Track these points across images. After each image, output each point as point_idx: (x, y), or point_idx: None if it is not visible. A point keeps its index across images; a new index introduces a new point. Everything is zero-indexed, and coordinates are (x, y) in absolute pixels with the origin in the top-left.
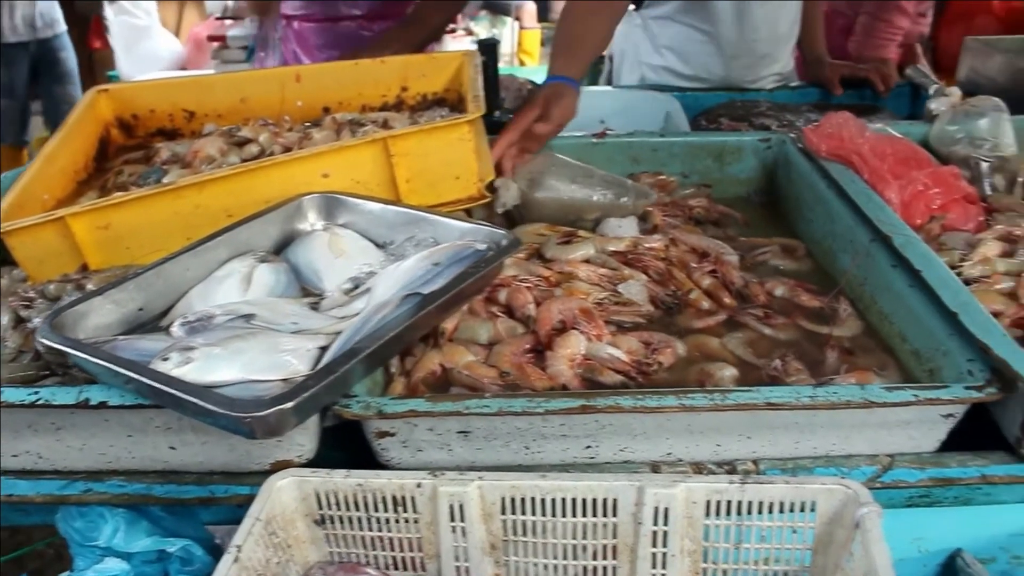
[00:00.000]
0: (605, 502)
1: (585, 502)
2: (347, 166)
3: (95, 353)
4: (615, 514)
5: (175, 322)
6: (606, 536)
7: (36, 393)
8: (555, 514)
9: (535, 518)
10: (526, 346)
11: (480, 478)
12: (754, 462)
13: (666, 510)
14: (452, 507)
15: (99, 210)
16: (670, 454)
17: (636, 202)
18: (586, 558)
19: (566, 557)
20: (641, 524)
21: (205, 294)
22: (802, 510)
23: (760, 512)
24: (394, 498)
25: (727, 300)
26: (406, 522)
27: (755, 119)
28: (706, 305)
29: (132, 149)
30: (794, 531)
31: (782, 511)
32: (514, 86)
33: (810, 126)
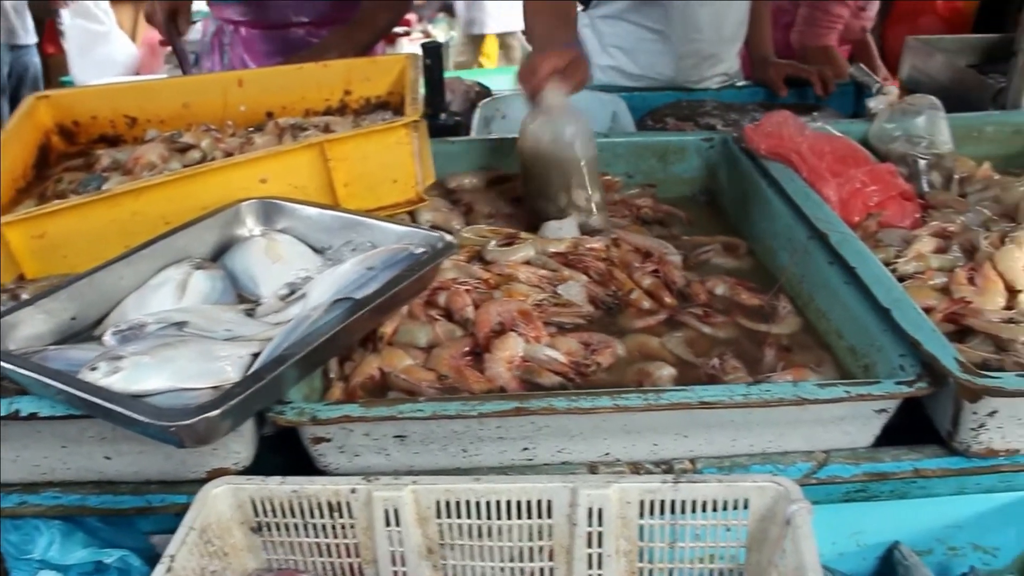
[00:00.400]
0: (539, 504)
1: (520, 504)
2: (285, 171)
3: (24, 364)
4: (550, 516)
5: (107, 331)
6: (542, 538)
7: None
8: (490, 517)
9: (471, 521)
10: (465, 349)
11: (414, 482)
12: (691, 461)
13: (600, 511)
14: (387, 512)
15: (34, 219)
16: (608, 454)
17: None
18: (523, 560)
19: (503, 559)
20: (576, 525)
21: (140, 302)
22: (735, 508)
23: (694, 511)
24: (329, 504)
25: (668, 300)
26: (342, 528)
27: (701, 119)
28: (647, 305)
29: (74, 156)
30: (728, 529)
31: (716, 509)
32: (461, 88)
33: (750, 125)
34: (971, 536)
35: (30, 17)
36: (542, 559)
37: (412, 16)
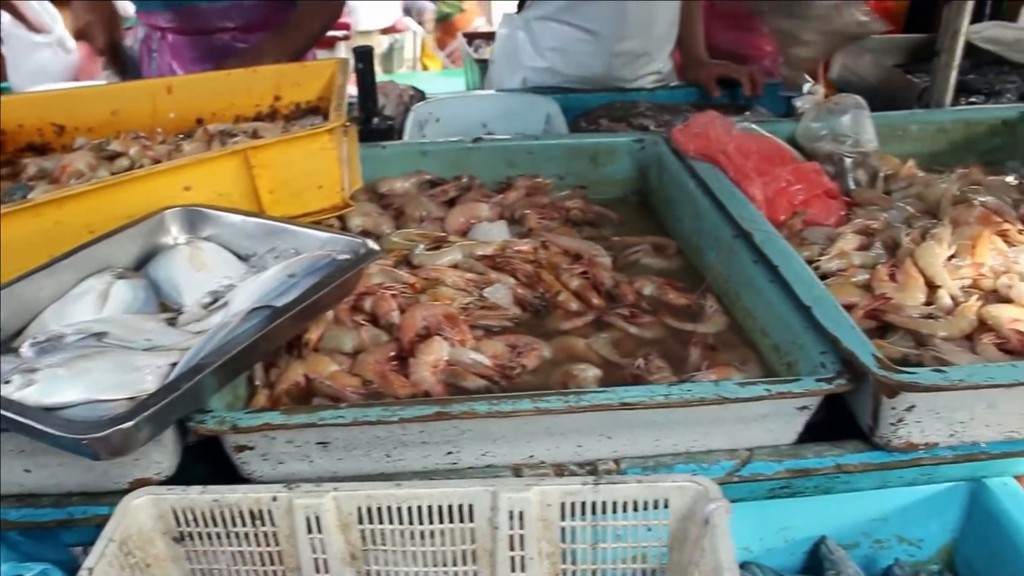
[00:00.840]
0: (461, 508)
1: (441, 509)
2: (209, 179)
3: None
4: (472, 520)
5: (25, 343)
6: (464, 542)
7: None
8: (412, 522)
9: (393, 527)
10: (390, 354)
11: (335, 489)
12: (615, 461)
13: (521, 513)
14: (308, 519)
15: None
16: (532, 457)
17: None
18: (447, 564)
19: (427, 564)
20: (497, 529)
21: (60, 313)
22: (656, 508)
23: (615, 512)
24: (251, 512)
25: (595, 301)
26: (265, 536)
27: (634, 119)
28: (575, 306)
29: (1, 166)
30: (649, 529)
31: (636, 510)
32: (395, 92)
33: (678, 127)
34: (896, 529)
35: None
36: (465, 563)
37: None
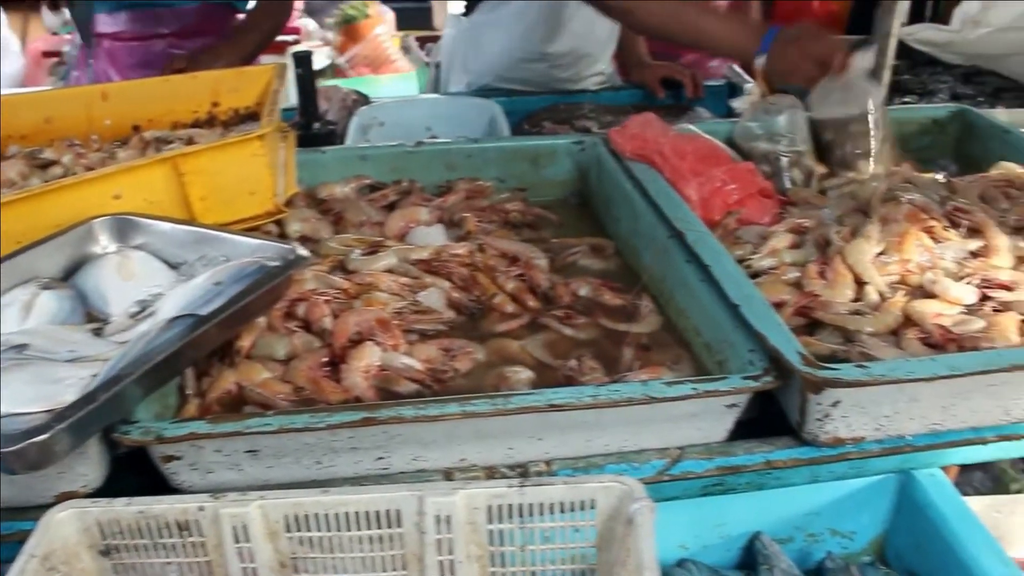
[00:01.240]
0: (388, 513)
1: (368, 515)
2: (138, 186)
3: None
4: (399, 525)
5: None
6: (393, 547)
7: None
8: (340, 528)
9: (321, 534)
10: (322, 360)
11: (262, 497)
12: (546, 463)
13: (448, 517)
14: (235, 528)
15: None
16: (463, 460)
17: None
18: (376, 570)
19: (356, 570)
20: (425, 533)
21: None
22: (583, 509)
23: (542, 513)
24: (178, 523)
25: (531, 303)
26: (192, 546)
27: (577, 121)
28: (510, 309)
29: None
30: (577, 530)
31: (563, 511)
32: (338, 96)
33: (615, 128)
34: (828, 522)
35: None
36: (395, 568)
37: (304, 23)
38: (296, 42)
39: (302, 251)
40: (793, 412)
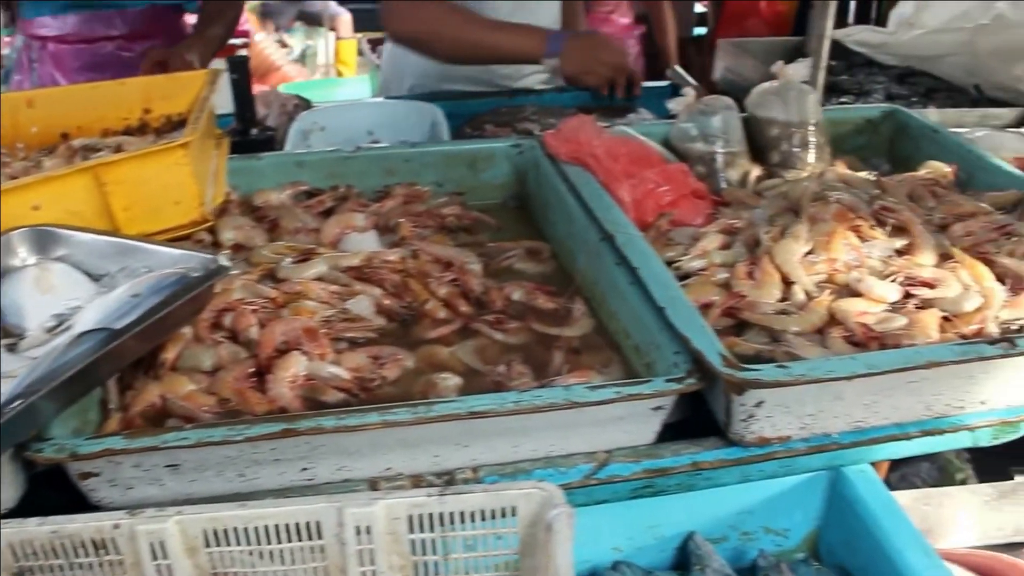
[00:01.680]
0: (308, 526)
1: (289, 527)
2: (58, 197)
3: None
4: (320, 536)
5: None
6: (315, 560)
7: None
8: (260, 542)
9: (242, 548)
10: (249, 370)
11: (179, 513)
12: (473, 470)
13: (368, 528)
14: (153, 545)
15: None
16: (389, 469)
17: None
18: None
19: None
20: (345, 545)
21: None
22: (504, 516)
23: (464, 522)
24: (93, 542)
25: (463, 308)
26: (110, 565)
27: (519, 124)
28: (442, 315)
29: None
30: (499, 538)
31: (485, 519)
32: (278, 102)
33: (550, 131)
34: (762, 520)
35: None
36: None
37: (250, 27)
38: (246, 45)
39: (224, 261)
40: (719, 413)
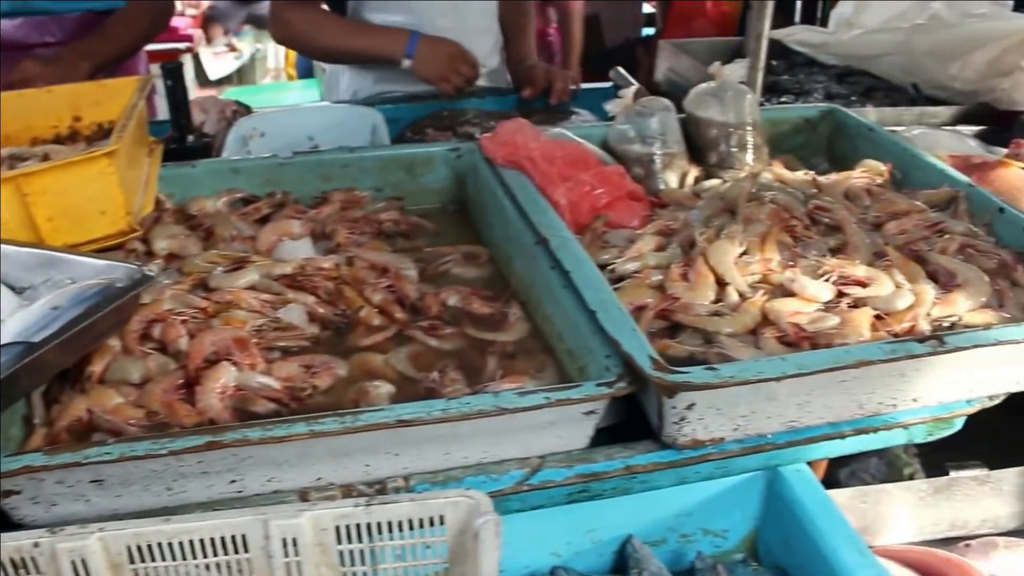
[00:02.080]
0: (234, 539)
1: (214, 541)
2: None
3: None
4: (246, 550)
5: None
6: (241, 573)
7: None
8: (186, 557)
9: (167, 564)
10: (178, 382)
11: (101, 529)
12: (405, 478)
13: (295, 540)
14: (75, 563)
15: None
16: (320, 479)
17: None
18: None
19: None
20: (272, 557)
21: None
22: (432, 525)
23: (392, 531)
24: (12, 562)
25: (398, 315)
26: None
27: (460, 128)
28: (377, 322)
29: None
30: (428, 547)
31: (412, 528)
32: (216, 108)
33: (486, 135)
34: (700, 522)
35: None
36: None
37: (197, 31)
38: (189, 50)
39: (149, 271)
40: (652, 416)
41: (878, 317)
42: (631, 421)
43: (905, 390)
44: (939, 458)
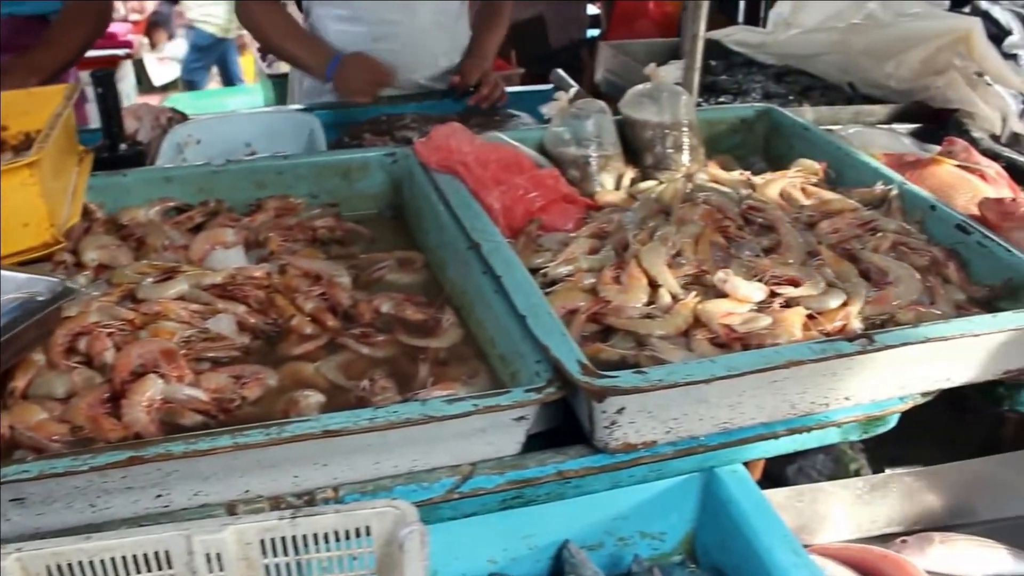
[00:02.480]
0: (157, 556)
1: (137, 558)
2: None
3: None
4: (170, 566)
5: None
6: None
7: None
8: (108, 575)
9: None
10: (103, 396)
11: (19, 549)
12: (334, 489)
13: (219, 555)
14: None
15: None
16: (248, 492)
17: None
18: None
19: None
20: (196, 573)
21: None
22: (359, 536)
23: (318, 544)
24: None
25: (330, 322)
26: None
27: (398, 132)
28: (309, 330)
29: None
30: (355, 558)
31: (339, 540)
32: (150, 115)
33: (420, 140)
34: (637, 525)
35: None
36: None
37: (139, 37)
38: (129, 56)
39: (72, 283)
40: (584, 421)
41: (810, 316)
42: (570, 425)
43: (837, 389)
44: (887, 452)
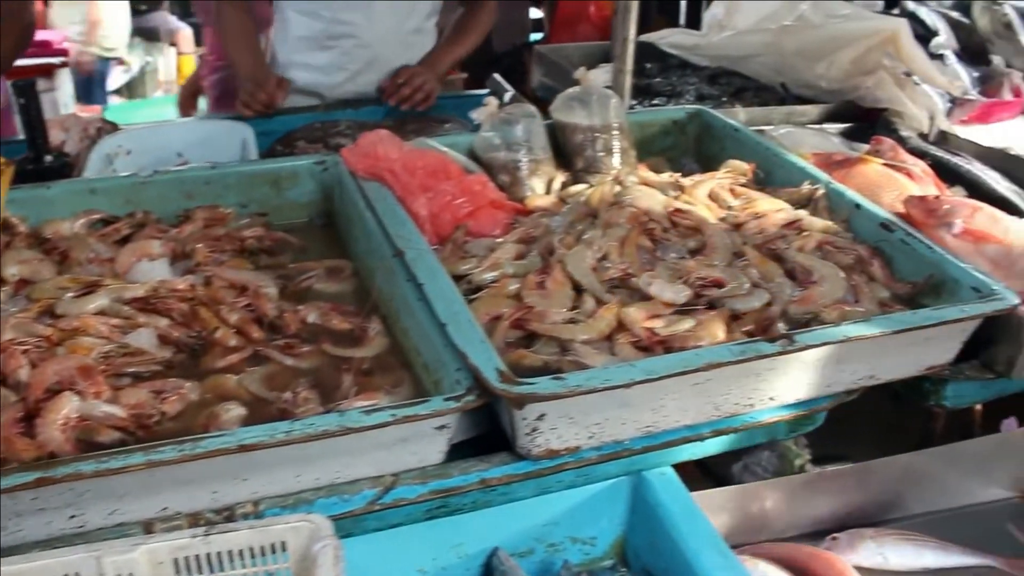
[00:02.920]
0: None
1: None
2: None
3: None
4: None
5: None
6: None
7: None
8: None
9: None
10: (18, 415)
11: None
12: (254, 503)
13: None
14: None
15: None
16: (166, 509)
17: None
18: None
19: None
20: None
21: None
22: (274, 552)
23: (233, 561)
24: None
25: (255, 334)
26: None
27: (332, 139)
28: (233, 342)
29: None
30: (271, 575)
31: (254, 556)
32: (78, 126)
33: (347, 147)
34: (567, 530)
35: None
36: None
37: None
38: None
39: None
40: (507, 428)
41: (735, 317)
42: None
43: (761, 389)
44: (830, 447)
